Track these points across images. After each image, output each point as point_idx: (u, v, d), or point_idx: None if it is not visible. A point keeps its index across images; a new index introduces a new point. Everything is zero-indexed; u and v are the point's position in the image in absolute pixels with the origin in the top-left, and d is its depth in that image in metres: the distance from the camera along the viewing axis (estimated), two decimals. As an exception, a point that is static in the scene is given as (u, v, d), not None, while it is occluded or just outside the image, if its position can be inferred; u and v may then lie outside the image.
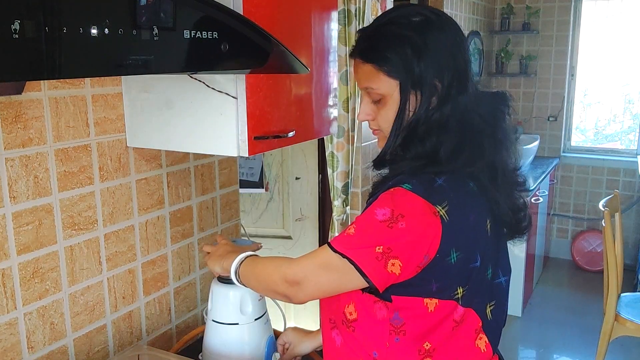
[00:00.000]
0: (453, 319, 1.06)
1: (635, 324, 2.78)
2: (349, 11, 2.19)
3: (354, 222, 1.04)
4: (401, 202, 1.00)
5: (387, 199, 1.01)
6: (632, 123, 4.80)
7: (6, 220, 1.17)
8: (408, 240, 0.98)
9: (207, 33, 0.95)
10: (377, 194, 1.05)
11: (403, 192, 1.00)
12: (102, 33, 0.77)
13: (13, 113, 1.16)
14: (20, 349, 1.23)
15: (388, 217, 0.99)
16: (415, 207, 0.99)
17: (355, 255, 1.00)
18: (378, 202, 1.02)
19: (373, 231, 1.00)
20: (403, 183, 1.02)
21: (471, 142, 1.04)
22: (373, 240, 0.99)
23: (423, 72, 1.04)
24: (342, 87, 2.26)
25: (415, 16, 1.06)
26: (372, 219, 1.01)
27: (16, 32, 0.67)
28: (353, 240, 1.02)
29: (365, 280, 1.00)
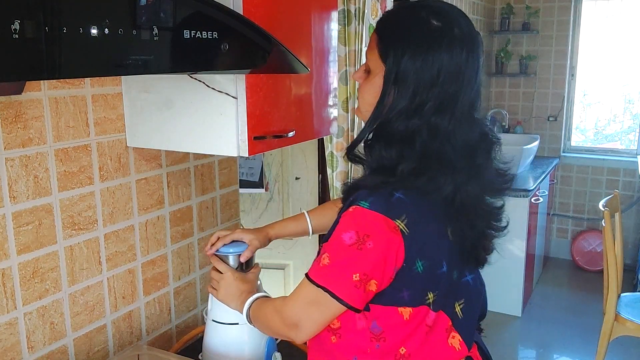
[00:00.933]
0: (426, 324, 1.08)
1: (635, 324, 2.78)
2: (348, 11, 2.19)
3: (326, 250, 1.05)
4: (363, 221, 1.01)
5: (349, 220, 1.03)
6: (632, 123, 4.80)
7: (6, 220, 1.17)
8: (378, 258, 1.01)
9: (207, 33, 0.95)
10: (344, 205, 1.08)
11: (362, 211, 1.01)
12: (102, 33, 0.77)
13: (13, 113, 1.16)
14: (20, 349, 1.23)
15: (355, 240, 1.01)
16: (376, 224, 1.00)
17: (335, 288, 1.03)
18: (341, 225, 1.04)
19: (345, 257, 1.02)
20: (360, 200, 1.02)
21: (435, 169, 1.01)
22: (348, 268, 1.02)
23: (407, 72, 1.01)
24: (342, 87, 2.26)
25: (439, 20, 1.02)
26: (341, 244, 1.03)
27: (16, 32, 0.67)
28: (329, 271, 1.04)
29: (347, 307, 1.04)
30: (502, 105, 4.82)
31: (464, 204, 1.04)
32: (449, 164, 1.01)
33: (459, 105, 1.02)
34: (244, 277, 1.32)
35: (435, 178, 1.01)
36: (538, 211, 4.00)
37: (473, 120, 1.05)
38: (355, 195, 1.05)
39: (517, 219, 3.61)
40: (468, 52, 1.02)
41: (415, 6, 1.07)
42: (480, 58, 1.05)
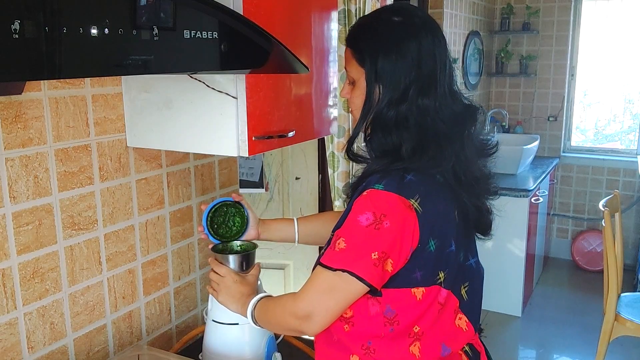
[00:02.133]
0: (438, 302, 1.12)
1: (635, 324, 2.78)
2: (349, 11, 2.19)
3: (340, 235, 1.08)
4: (379, 202, 1.05)
5: (364, 203, 1.06)
6: (632, 123, 4.80)
7: (6, 220, 1.17)
8: (395, 237, 1.04)
9: (207, 33, 0.95)
10: (354, 197, 1.11)
11: (377, 192, 1.06)
12: (102, 33, 0.77)
13: (13, 113, 1.16)
14: (20, 349, 1.23)
15: (372, 220, 1.04)
16: (392, 204, 1.05)
17: (355, 268, 1.04)
18: (356, 208, 1.07)
19: (363, 238, 1.05)
20: (374, 184, 1.07)
21: (435, 144, 1.09)
22: (366, 247, 1.04)
23: (385, 68, 1.10)
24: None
25: (398, 16, 1.13)
26: (357, 226, 1.05)
27: (16, 32, 0.67)
28: (347, 254, 1.05)
29: (367, 286, 1.06)
30: (502, 105, 4.82)
31: (464, 171, 1.12)
32: (444, 136, 1.10)
33: (440, 83, 1.12)
34: (244, 279, 1.31)
35: (437, 153, 1.09)
36: (538, 211, 4.00)
37: (454, 93, 1.15)
38: (366, 181, 1.10)
39: (517, 219, 3.60)
40: (432, 35, 1.12)
41: (375, 13, 1.20)
42: (443, 38, 1.15)
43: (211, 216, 1.39)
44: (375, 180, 1.08)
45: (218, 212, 1.40)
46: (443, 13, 3.68)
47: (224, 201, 1.40)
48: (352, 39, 1.17)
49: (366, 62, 1.12)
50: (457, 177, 1.12)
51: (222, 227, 1.41)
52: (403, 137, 1.10)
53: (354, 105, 1.18)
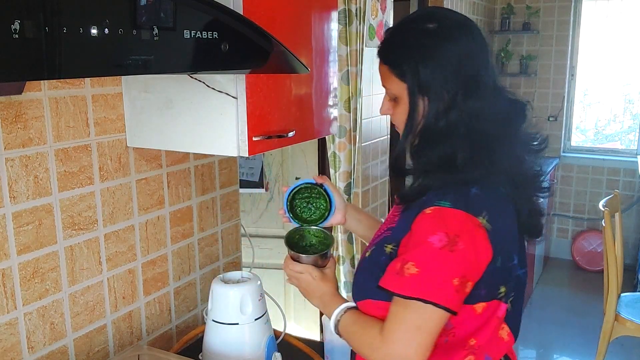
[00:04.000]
0: (497, 316, 1.10)
1: (635, 324, 2.78)
2: (349, 11, 2.19)
3: (408, 259, 1.01)
4: (450, 221, 0.99)
5: (433, 222, 1.01)
6: (632, 123, 4.80)
7: (6, 220, 1.17)
8: (472, 259, 1.00)
9: (207, 33, 0.95)
10: (410, 209, 1.07)
11: (444, 210, 1.00)
12: (102, 33, 0.77)
13: (13, 113, 1.16)
14: (20, 349, 1.23)
15: (446, 242, 0.98)
16: (463, 223, 1.00)
17: (438, 297, 0.98)
18: (424, 228, 1.01)
19: (440, 262, 0.98)
20: (439, 200, 1.02)
21: (487, 150, 1.05)
22: (445, 273, 0.98)
23: (428, 79, 1.06)
24: (344, 87, 2.26)
25: (432, 22, 1.08)
26: (430, 249, 0.99)
27: (16, 32, 0.67)
28: (425, 280, 0.99)
29: (449, 313, 1.00)
30: (502, 105, 4.81)
31: (517, 172, 1.09)
32: (494, 138, 1.06)
33: (483, 81, 1.07)
34: (324, 275, 1.22)
35: (491, 157, 1.05)
36: (538, 211, 3.99)
37: (499, 90, 1.12)
38: (428, 197, 1.05)
39: (517, 219, 3.60)
40: (468, 34, 1.08)
41: (405, 22, 1.14)
42: (482, 35, 1.11)
43: (292, 199, 1.32)
44: (439, 197, 1.02)
45: (300, 194, 1.33)
46: (443, 13, 3.68)
47: (305, 183, 1.32)
48: (386, 54, 1.12)
49: (407, 76, 1.08)
50: (511, 180, 1.08)
51: (305, 211, 1.34)
52: (456, 146, 1.05)
53: (399, 121, 1.14)
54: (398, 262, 1.03)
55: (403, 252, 1.04)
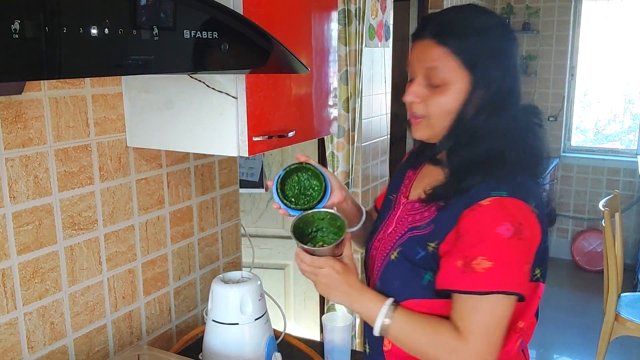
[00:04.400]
0: (538, 296, 1.11)
1: (635, 324, 2.78)
2: (349, 11, 2.19)
3: (478, 254, 0.98)
4: (511, 210, 0.99)
5: (497, 213, 0.99)
6: (632, 123, 4.80)
7: (6, 220, 1.17)
8: (535, 245, 1.01)
9: (207, 33, 0.95)
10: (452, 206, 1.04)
11: (503, 200, 0.99)
12: (102, 33, 0.77)
13: (13, 113, 1.16)
14: (20, 349, 1.23)
15: (513, 231, 0.97)
16: (522, 210, 1.00)
17: (514, 286, 0.98)
18: (488, 220, 0.99)
19: (512, 252, 0.98)
20: (494, 190, 1.00)
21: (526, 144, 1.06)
22: (517, 261, 0.99)
23: (497, 75, 1.04)
24: (343, 87, 2.26)
25: (492, 17, 1.09)
26: (499, 240, 0.97)
27: (16, 32, 0.67)
28: (501, 272, 0.97)
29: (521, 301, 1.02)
30: (502, 105, 4.81)
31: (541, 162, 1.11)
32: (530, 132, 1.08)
33: (520, 83, 1.11)
34: (345, 267, 1.09)
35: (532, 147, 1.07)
36: (538, 211, 3.99)
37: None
38: (479, 188, 1.02)
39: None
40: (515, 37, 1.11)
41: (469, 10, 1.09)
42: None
43: (282, 188, 1.19)
44: (492, 188, 1.01)
45: (289, 183, 1.20)
46: (443, 13, 3.68)
47: (288, 168, 1.20)
48: (448, 36, 1.04)
49: (477, 67, 1.03)
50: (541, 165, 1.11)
51: (300, 197, 1.20)
52: (507, 145, 1.04)
53: (437, 108, 1.07)
54: (458, 259, 1.00)
55: (462, 249, 1.00)
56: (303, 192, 1.21)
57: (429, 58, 1.05)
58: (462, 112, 1.06)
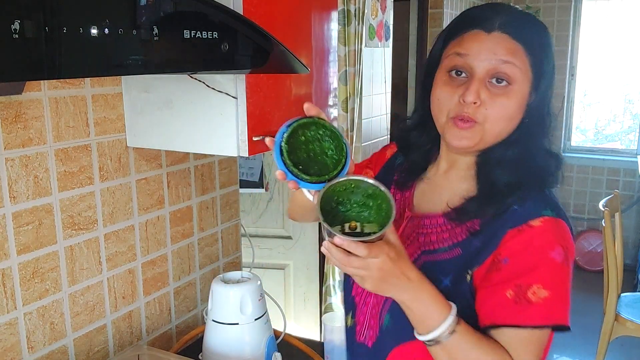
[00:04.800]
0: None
1: (635, 324, 2.78)
2: (348, 11, 2.19)
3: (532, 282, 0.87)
4: (561, 233, 0.91)
5: (550, 235, 0.90)
6: (632, 123, 4.80)
7: (6, 220, 1.17)
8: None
9: (207, 33, 0.95)
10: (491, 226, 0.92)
11: (554, 222, 0.91)
12: (102, 33, 0.77)
13: (13, 113, 1.16)
14: (20, 349, 1.23)
15: (564, 256, 0.89)
16: (568, 232, 0.92)
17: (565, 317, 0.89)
18: (542, 243, 0.89)
19: (565, 279, 0.90)
20: (545, 209, 0.92)
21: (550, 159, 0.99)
22: (567, 289, 0.90)
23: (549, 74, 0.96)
24: (342, 87, 2.26)
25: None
26: (554, 265, 0.88)
27: (16, 32, 0.67)
28: (556, 302, 0.89)
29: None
30: (502, 105, 4.81)
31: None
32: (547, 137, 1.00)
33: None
34: (398, 252, 0.84)
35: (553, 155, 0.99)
36: (538, 211, 3.99)
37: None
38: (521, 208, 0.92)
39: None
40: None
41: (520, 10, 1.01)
42: None
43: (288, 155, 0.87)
44: (542, 206, 0.92)
45: (295, 146, 0.88)
46: (443, 13, 3.69)
47: (296, 124, 0.87)
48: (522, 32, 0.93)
49: (539, 71, 0.94)
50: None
51: (312, 167, 0.88)
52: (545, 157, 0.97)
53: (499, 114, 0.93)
54: (507, 288, 0.88)
55: (512, 276, 0.88)
56: (314, 157, 0.89)
57: (502, 51, 0.91)
58: (520, 118, 0.96)
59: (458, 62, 0.94)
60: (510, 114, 0.93)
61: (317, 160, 0.90)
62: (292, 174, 0.87)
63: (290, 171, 0.87)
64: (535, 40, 0.94)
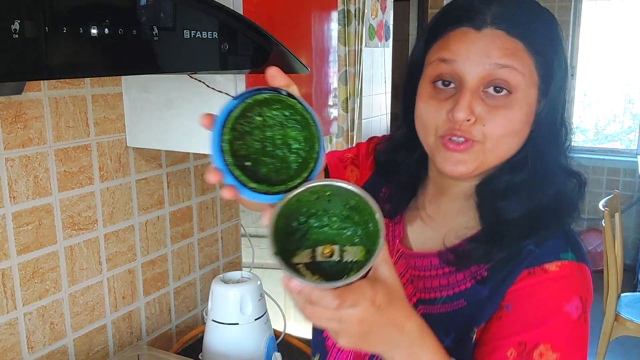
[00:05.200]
0: None
1: (635, 324, 2.78)
2: (348, 11, 2.19)
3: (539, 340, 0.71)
4: (581, 281, 0.77)
5: (567, 285, 0.75)
6: (632, 123, 4.80)
7: (6, 220, 1.17)
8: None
9: (207, 33, 0.95)
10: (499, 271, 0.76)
11: (576, 267, 0.76)
12: (102, 33, 0.77)
13: (13, 113, 1.16)
14: (20, 349, 1.23)
15: (581, 310, 0.75)
16: (589, 281, 0.78)
17: None
18: (555, 294, 0.74)
19: (581, 337, 0.76)
20: (563, 252, 0.76)
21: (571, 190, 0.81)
22: (583, 350, 0.76)
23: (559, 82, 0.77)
24: (342, 87, 2.26)
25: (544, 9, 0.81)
26: (568, 321, 0.73)
27: (16, 32, 0.67)
28: None
29: None
30: (502, 105, 4.82)
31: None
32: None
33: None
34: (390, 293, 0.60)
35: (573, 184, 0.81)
36: (538, 211, 4.00)
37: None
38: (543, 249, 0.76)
39: (517, 219, 3.59)
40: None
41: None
42: None
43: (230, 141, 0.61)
44: (560, 247, 0.76)
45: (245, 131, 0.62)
46: (443, 13, 3.68)
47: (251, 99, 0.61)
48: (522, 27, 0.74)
49: (549, 73, 0.76)
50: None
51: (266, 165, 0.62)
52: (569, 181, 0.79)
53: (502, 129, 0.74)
54: (509, 346, 0.71)
55: (516, 330, 0.72)
56: (271, 150, 0.62)
57: (501, 52, 0.73)
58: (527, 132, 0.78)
59: (443, 70, 0.76)
60: (515, 128, 0.75)
61: (274, 155, 0.62)
62: (232, 175, 0.58)
63: (230, 171, 0.58)
64: (540, 34, 0.75)
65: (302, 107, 0.61)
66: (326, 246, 0.61)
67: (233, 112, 0.60)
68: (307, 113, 0.61)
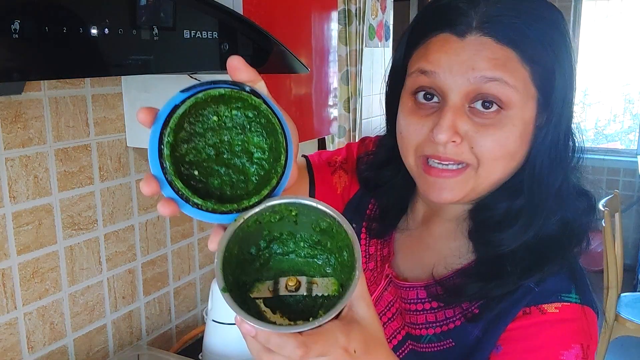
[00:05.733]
0: None
1: (635, 324, 2.78)
2: (349, 11, 2.19)
3: None
4: (584, 327, 0.66)
5: (567, 330, 0.65)
6: (632, 123, 4.80)
7: (6, 220, 1.17)
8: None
9: (207, 33, 0.95)
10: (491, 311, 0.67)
11: (575, 310, 0.66)
12: (102, 33, 0.77)
13: (13, 113, 1.16)
14: (20, 349, 1.23)
15: (581, 357, 0.64)
16: (594, 325, 0.68)
17: None
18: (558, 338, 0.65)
19: None
20: (566, 293, 0.67)
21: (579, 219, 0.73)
22: None
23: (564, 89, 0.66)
24: (343, 87, 2.26)
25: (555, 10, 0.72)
26: None
27: (16, 32, 0.67)
28: None
29: None
30: (502, 105, 4.82)
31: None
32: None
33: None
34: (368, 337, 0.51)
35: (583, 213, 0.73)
36: (538, 211, 3.99)
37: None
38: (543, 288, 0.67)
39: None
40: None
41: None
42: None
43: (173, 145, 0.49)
44: (562, 286, 0.67)
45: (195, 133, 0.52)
46: (443, 13, 3.68)
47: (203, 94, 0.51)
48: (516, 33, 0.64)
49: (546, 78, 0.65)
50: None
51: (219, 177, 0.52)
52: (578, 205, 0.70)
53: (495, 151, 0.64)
54: None
55: None
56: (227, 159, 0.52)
57: (489, 63, 0.63)
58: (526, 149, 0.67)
59: (424, 83, 0.66)
60: (509, 150, 0.65)
61: (230, 164, 0.51)
62: (170, 185, 0.47)
63: (169, 181, 0.47)
64: (537, 39, 0.65)
65: (268, 109, 0.49)
66: (291, 277, 0.50)
67: (179, 109, 0.49)
68: (274, 116, 0.49)
